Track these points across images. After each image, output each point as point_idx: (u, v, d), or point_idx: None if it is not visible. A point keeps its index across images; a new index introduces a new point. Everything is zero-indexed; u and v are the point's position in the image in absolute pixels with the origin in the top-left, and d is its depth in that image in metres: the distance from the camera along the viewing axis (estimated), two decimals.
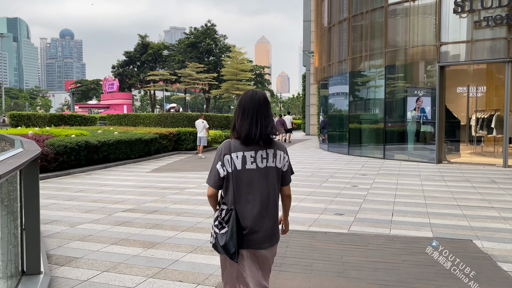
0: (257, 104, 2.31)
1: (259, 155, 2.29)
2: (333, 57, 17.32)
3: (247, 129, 2.27)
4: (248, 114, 2.30)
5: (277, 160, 2.33)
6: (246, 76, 53.30)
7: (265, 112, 2.32)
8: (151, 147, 15.32)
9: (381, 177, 10.39)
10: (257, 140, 2.27)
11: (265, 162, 2.30)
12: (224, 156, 2.29)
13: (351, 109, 16.42)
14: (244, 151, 2.28)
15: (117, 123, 24.85)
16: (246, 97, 2.35)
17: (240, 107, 2.34)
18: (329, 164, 13.34)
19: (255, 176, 2.28)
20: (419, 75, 14.66)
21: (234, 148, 2.29)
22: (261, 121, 2.29)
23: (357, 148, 16.32)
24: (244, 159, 2.27)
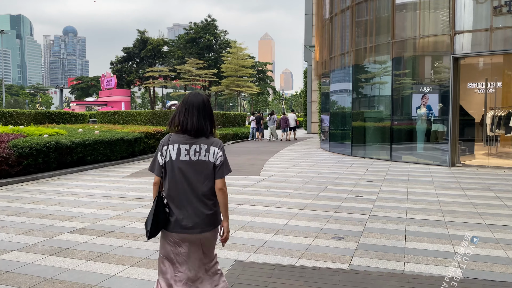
0: (197, 104, 2.60)
1: (193, 148, 2.56)
2: (335, 50, 15.94)
3: (185, 124, 2.56)
4: (188, 112, 2.57)
5: (210, 154, 2.57)
6: (247, 72, 51.95)
7: (203, 111, 2.60)
8: (135, 148, 14.03)
9: (389, 184, 9.05)
10: (193, 135, 2.56)
11: (197, 155, 2.56)
12: (163, 147, 2.61)
13: (355, 106, 15.05)
14: (180, 144, 2.56)
15: (107, 120, 23.62)
16: (189, 97, 2.64)
17: (182, 105, 2.62)
18: (329, 167, 11.99)
19: (187, 167, 2.55)
20: (430, 69, 13.27)
21: (172, 140, 2.59)
22: (198, 119, 2.56)
23: (361, 149, 14.96)
24: (179, 151, 2.56)
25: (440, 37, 11.99)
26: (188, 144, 2.56)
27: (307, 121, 32.73)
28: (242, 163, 12.92)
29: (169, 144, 2.60)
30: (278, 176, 10.23)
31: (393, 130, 13.32)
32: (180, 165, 2.55)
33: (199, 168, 2.56)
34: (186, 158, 2.55)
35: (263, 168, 11.77)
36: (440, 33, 11.97)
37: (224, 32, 62.15)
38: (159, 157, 2.62)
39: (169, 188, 2.59)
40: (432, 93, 12.99)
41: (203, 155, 2.56)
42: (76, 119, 23.91)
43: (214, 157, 2.58)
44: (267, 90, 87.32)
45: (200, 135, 2.57)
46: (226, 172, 2.62)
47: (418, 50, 12.51)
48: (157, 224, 2.55)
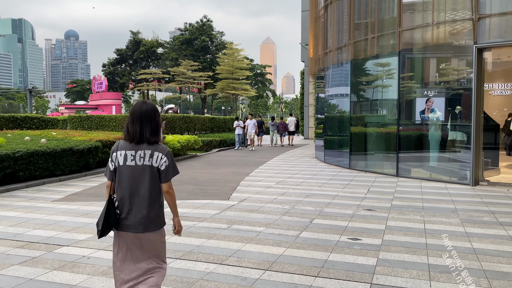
0: (143, 113, 2.79)
1: (138, 154, 2.77)
2: (331, 44, 13.59)
3: (131, 132, 2.78)
4: (134, 121, 2.78)
5: (153, 159, 2.77)
6: (243, 74, 49.64)
7: (149, 120, 2.79)
8: (90, 159, 11.68)
9: (398, 215, 6.65)
10: (137, 142, 2.77)
11: (142, 160, 2.76)
12: (113, 153, 2.83)
13: (353, 109, 12.67)
14: (127, 150, 2.78)
15: (79, 126, 21.32)
16: (136, 106, 2.85)
17: (130, 114, 2.83)
18: (321, 185, 9.60)
19: (133, 171, 2.77)
20: (446, 63, 10.88)
21: (120, 147, 2.81)
22: (144, 127, 2.77)
23: (361, 159, 12.58)
24: (125, 156, 2.78)
25: (460, 23, 9.62)
26: (133, 150, 2.77)
27: (304, 126, 30.36)
28: (215, 179, 10.55)
29: (117, 151, 2.81)
30: (252, 200, 7.85)
31: (400, 137, 10.92)
32: (127, 169, 2.77)
33: (144, 172, 2.77)
34: (132, 163, 2.77)
35: (238, 187, 9.39)
36: (459, 18, 9.59)
37: (220, 33, 59.90)
38: (110, 163, 2.84)
39: (118, 190, 2.81)
40: (448, 93, 10.61)
41: (147, 160, 2.76)
42: (47, 124, 21.62)
43: (158, 162, 2.78)
44: (267, 93, 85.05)
45: (142, 142, 2.77)
46: (171, 175, 2.83)
47: (432, 40, 10.13)
48: (108, 224, 2.74)
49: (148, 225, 2.78)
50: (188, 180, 10.45)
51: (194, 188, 9.23)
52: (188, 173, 11.96)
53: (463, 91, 10.08)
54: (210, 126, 25.09)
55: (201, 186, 9.54)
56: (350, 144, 12.47)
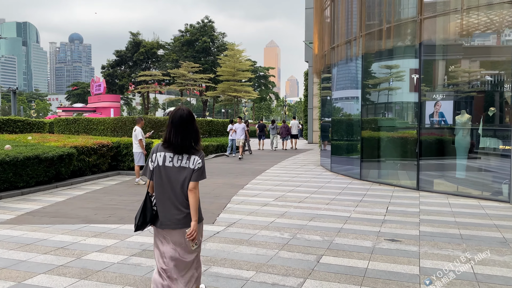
0: (180, 119, 2.97)
1: (176, 156, 2.97)
2: (339, 37, 12.01)
3: (169, 137, 2.97)
4: (172, 126, 2.97)
5: (190, 162, 2.97)
6: (245, 76, 48.13)
7: (185, 126, 2.97)
8: (62, 168, 10.14)
9: (431, 248, 5.05)
10: (175, 146, 2.94)
11: (180, 162, 2.96)
12: (152, 154, 3.04)
13: (365, 111, 11.07)
14: (166, 152, 2.99)
15: (66, 129, 19.83)
16: (174, 114, 3.01)
17: (169, 120, 3.03)
18: (329, 203, 7.99)
19: (171, 172, 2.96)
20: (479, 55, 9.29)
21: (160, 149, 3.01)
22: (181, 133, 2.95)
23: (374, 168, 10.99)
24: (164, 158, 2.98)
25: (497, 7, 8.02)
26: (172, 153, 2.97)
27: (308, 129, 28.73)
28: (203, 193, 8.96)
29: (157, 152, 3.01)
30: (243, 224, 6.26)
31: (421, 143, 9.30)
32: (166, 170, 2.96)
33: (180, 173, 2.96)
34: (170, 165, 2.96)
35: (228, 204, 7.80)
36: (496, 1, 7.98)
37: (222, 35, 58.47)
38: (150, 163, 3.03)
39: (156, 189, 3.02)
40: (479, 92, 9.01)
41: (184, 162, 2.97)
42: (32, 127, 20.14)
43: (194, 164, 2.98)
44: (270, 96, 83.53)
45: (178, 147, 2.95)
46: (200, 178, 2.99)
47: (460, 28, 8.52)
48: (145, 220, 2.97)
49: (184, 222, 2.96)
50: None
51: None
52: None
53: (500, 89, 8.46)
54: (207, 129, 23.54)
55: None
56: (361, 151, 10.85)
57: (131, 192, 9.22)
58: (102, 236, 5.66)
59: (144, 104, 60.78)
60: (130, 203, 7.98)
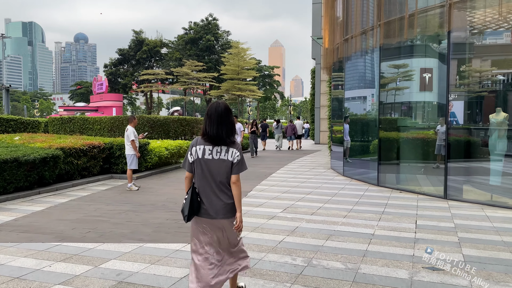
0: (217, 113, 3.09)
1: (215, 149, 3.07)
2: (353, 27, 10.89)
3: (208, 130, 3.08)
4: (210, 120, 3.09)
5: (229, 154, 3.08)
6: (249, 75, 47.04)
7: (222, 119, 3.08)
8: (46, 172, 9.11)
9: (486, 281, 3.96)
10: (214, 139, 3.06)
11: (219, 155, 3.07)
12: (192, 147, 3.13)
13: (383, 108, 9.95)
14: (205, 145, 3.09)
15: (60, 129, 18.84)
16: (210, 107, 3.15)
17: (206, 114, 3.15)
18: (347, 215, 6.88)
19: (211, 164, 3.07)
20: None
21: (199, 142, 3.11)
22: (219, 126, 3.06)
23: (393, 171, 9.89)
24: (204, 151, 3.08)
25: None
26: (211, 146, 3.08)
27: (315, 129, 27.59)
28: None
29: (196, 145, 3.11)
30: (246, 244, 5.17)
31: (449, 145, 8.17)
32: (205, 162, 3.07)
33: (220, 165, 3.06)
34: (210, 157, 3.07)
35: None
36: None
37: (226, 33, 57.40)
38: (189, 156, 3.14)
39: (197, 181, 3.12)
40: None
41: (223, 155, 3.07)
42: (26, 127, 19.17)
43: (232, 156, 3.08)
44: (275, 95, 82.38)
45: (216, 140, 3.06)
46: (241, 170, 3.12)
47: (499, 13, 7.38)
48: (192, 210, 3.07)
49: (224, 213, 3.08)
50: (164, 203, 7.81)
51: (166, 219, 6.58)
52: (169, 190, 9.33)
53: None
54: None
55: (178, 215, 6.90)
56: (378, 153, 9.72)
57: (120, 200, 8.17)
58: (72, 260, 4.61)
59: (147, 104, 59.85)
60: (116, 214, 6.93)
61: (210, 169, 3.06)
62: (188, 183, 3.19)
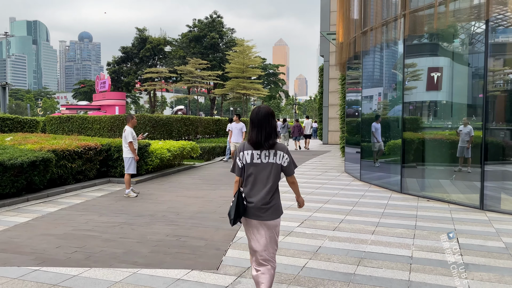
0: (260, 118, 3.18)
1: (263, 153, 3.19)
2: (372, 18, 9.96)
3: (253, 136, 3.18)
4: (254, 126, 3.19)
5: (277, 158, 3.21)
6: (254, 73, 46.13)
7: (266, 123, 3.17)
8: (36, 177, 8.27)
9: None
10: (261, 143, 3.15)
11: (267, 159, 3.19)
12: (240, 152, 3.24)
13: (408, 108, 9.02)
14: (253, 150, 3.19)
15: (58, 128, 18.04)
16: (253, 112, 3.25)
17: (250, 120, 3.24)
18: (375, 231, 5.98)
19: (259, 168, 3.18)
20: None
21: (246, 147, 3.22)
22: (263, 131, 3.16)
23: (417, 175, 8.97)
24: (252, 155, 3.19)
25: None
26: (259, 150, 3.18)
27: (323, 129, 26.66)
28: (206, 212, 7.02)
29: (244, 150, 3.22)
30: None
31: (486, 147, 7.24)
32: (254, 166, 3.18)
33: (269, 169, 3.18)
34: (258, 161, 3.18)
35: (239, 231, 5.83)
36: None
37: (231, 30, 56.49)
38: (238, 161, 3.24)
39: (245, 184, 3.23)
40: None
41: (271, 158, 3.19)
42: (23, 126, 18.39)
43: (281, 160, 3.21)
44: (280, 94, 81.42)
45: (260, 145, 3.16)
46: (293, 170, 3.30)
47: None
48: (238, 214, 3.15)
49: (271, 214, 3.19)
50: (165, 214, 6.93)
51: (166, 235, 5.70)
52: (171, 197, 8.45)
53: None
54: (215, 129, 21.60)
55: (180, 229, 6.03)
56: (402, 156, 8.79)
57: (116, 209, 7.30)
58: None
59: (150, 102, 59.09)
60: (109, 227, 6.06)
61: (259, 173, 3.18)
62: (237, 186, 3.27)
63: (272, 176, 3.17)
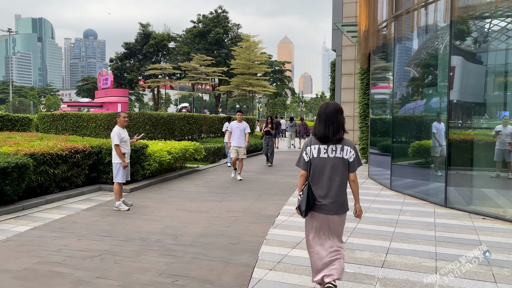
0: (328, 113, 3.25)
1: (330, 148, 3.26)
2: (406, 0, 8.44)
3: (321, 130, 3.26)
4: (321, 120, 3.27)
5: (344, 152, 3.26)
6: (261, 69, 44.64)
7: (331, 119, 3.24)
8: (8, 187, 6.88)
9: None
10: (328, 138, 3.23)
11: (334, 153, 3.26)
12: (307, 147, 3.34)
13: (456, 104, 7.52)
14: (320, 145, 3.29)
15: (51, 127, 16.69)
16: (321, 108, 3.32)
17: (317, 115, 3.32)
18: (430, 268, 4.52)
19: (326, 162, 3.27)
20: None
21: (313, 142, 3.32)
22: (331, 126, 3.22)
23: (466, 185, 7.48)
24: (319, 150, 3.28)
25: None
26: (326, 145, 3.27)
27: None
28: (212, 235, 5.60)
29: (311, 145, 3.32)
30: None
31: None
32: (321, 161, 3.27)
33: (335, 163, 3.25)
34: (325, 156, 3.26)
35: (255, 267, 4.40)
36: None
37: (236, 26, 54.96)
38: (304, 155, 3.34)
39: (312, 179, 3.31)
40: None
41: (338, 153, 3.25)
42: (14, 124, 17.08)
43: (348, 155, 3.27)
44: (285, 92, 79.86)
45: (327, 140, 3.25)
46: (357, 167, 3.32)
47: None
48: (309, 206, 3.27)
49: (338, 208, 3.30)
50: (160, 237, 5.51)
51: (159, 273, 4.26)
52: (169, 211, 7.03)
53: None
54: (220, 128, 20.17)
55: (178, 262, 4.60)
56: (446, 162, 7.30)
57: (100, 229, 5.89)
58: None
59: (154, 100, 57.77)
60: (87, 258, 4.64)
61: (325, 168, 3.25)
62: (303, 180, 3.38)
63: (339, 170, 3.26)
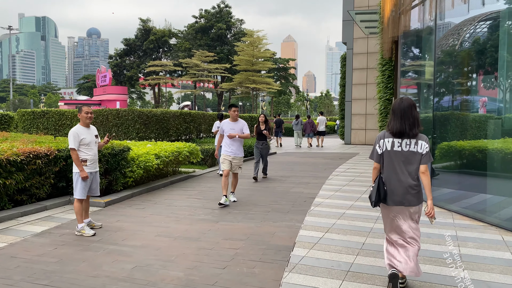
0: (403, 108, 3.34)
1: (404, 142, 3.37)
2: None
3: (397, 125, 3.35)
4: (394, 115, 3.39)
5: (418, 146, 3.35)
6: (264, 66, 42.85)
7: (405, 114, 3.33)
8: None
9: None
10: (403, 132, 3.33)
11: (408, 147, 3.36)
12: (380, 140, 3.47)
13: None
14: (394, 138, 3.40)
15: (32, 125, 14.98)
16: (395, 103, 3.40)
17: (392, 110, 3.43)
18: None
19: (400, 155, 3.37)
20: None
21: (387, 136, 3.44)
22: (407, 120, 3.32)
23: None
24: (393, 143, 3.40)
25: None
26: (400, 138, 3.37)
27: (345, 127, 23.36)
28: (211, 274, 3.84)
29: (384, 138, 3.43)
30: None
31: None
32: (395, 154, 3.38)
33: (409, 157, 3.35)
34: (399, 149, 3.37)
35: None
36: None
37: (240, 21, 53.14)
38: (377, 148, 3.47)
39: (385, 171, 3.44)
40: None
41: (413, 147, 3.35)
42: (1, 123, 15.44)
43: (422, 149, 3.35)
44: (290, 90, 77.99)
45: (403, 135, 3.35)
46: (429, 160, 3.36)
47: None
48: (379, 198, 3.41)
49: (411, 200, 3.38)
50: (125, 285, 3.77)
51: None
52: (147, 236, 5.27)
53: None
54: (209, 126, 18.41)
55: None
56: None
57: (44, 270, 4.16)
58: None
59: (155, 97, 56.11)
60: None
61: (399, 161, 3.36)
62: (376, 173, 3.49)
63: (413, 164, 3.33)
